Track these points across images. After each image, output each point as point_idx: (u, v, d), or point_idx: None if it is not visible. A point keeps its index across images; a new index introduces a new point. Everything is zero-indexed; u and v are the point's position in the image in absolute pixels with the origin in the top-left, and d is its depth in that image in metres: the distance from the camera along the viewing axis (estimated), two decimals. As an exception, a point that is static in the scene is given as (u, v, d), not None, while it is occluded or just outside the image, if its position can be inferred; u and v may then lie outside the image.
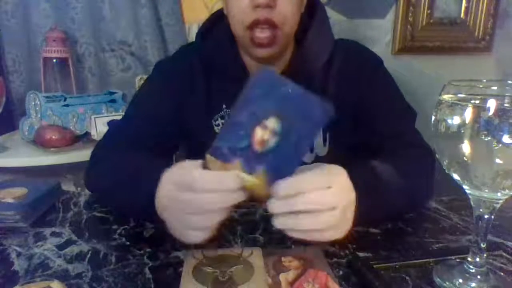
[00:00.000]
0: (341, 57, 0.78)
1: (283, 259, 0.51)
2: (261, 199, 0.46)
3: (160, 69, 0.85)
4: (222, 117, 0.79)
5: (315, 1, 0.79)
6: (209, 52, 0.79)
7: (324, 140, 0.78)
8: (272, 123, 0.44)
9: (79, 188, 1.49)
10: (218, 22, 0.80)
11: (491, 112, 0.38)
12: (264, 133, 0.44)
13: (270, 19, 0.67)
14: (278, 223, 0.46)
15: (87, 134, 1.44)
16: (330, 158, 0.78)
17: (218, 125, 0.79)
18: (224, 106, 0.78)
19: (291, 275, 0.48)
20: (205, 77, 0.79)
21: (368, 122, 0.77)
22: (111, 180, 0.65)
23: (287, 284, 0.46)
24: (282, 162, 0.44)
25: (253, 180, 0.45)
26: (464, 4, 1.57)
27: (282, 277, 0.47)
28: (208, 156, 0.45)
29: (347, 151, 0.76)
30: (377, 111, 0.77)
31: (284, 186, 0.44)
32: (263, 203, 0.48)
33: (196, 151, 0.81)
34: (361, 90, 0.77)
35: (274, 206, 0.45)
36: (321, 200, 0.45)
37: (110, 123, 0.83)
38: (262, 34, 0.68)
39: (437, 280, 0.47)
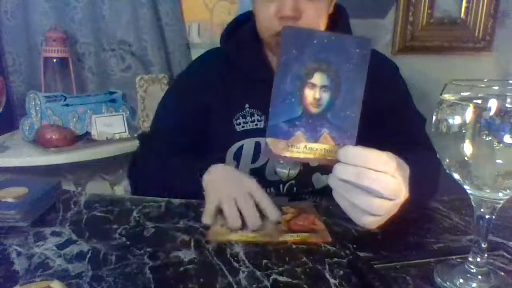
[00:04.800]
0: None
1: (283, 208, 0.63)
2: (330, 163, 0.45)
3: (179, 82, 0.91)
4: (244, 116, 0.80)
5: (339, 7, 0.82)
6: (233, 52, 0.81)
7: None
8: (318, 79, 0.43)
9: (79, 188, 1.49)
10: (241, 24, 0.83)
11: (492, 112, 0.38)
12: (315, 92, 0.43)
13: None
14: (335, 184, 0.46)
15: (87, 134, 1.44)
16: None
17: (239, 123, 0.80)
18: (247, 105, 0.80)
19: (288, 216, 0.61)
20: (230, 76, 0.82)
21: (379, 121, 0.78)
22: (164, 180, 0.76)
23: (285, 221, 0.59)
24: (341, 118, 0.43)
25: (322, 148, 0.43)
26: (464, 4, 1.57)
27: (282, 217, 0.60)
28: (269, 140, 0.44)
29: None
30: (392, 113, 0.79)
31: (353, 151, 0.44)
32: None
33: (215, 153, 0.83)
34: (378, 93, 0.79)
35: (341, 169, 0.45)
36: (388, 186, 0.45)
37: (140, 136, 0.94)
38: None
39: (438, 280, 0.47)
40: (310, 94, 0.43)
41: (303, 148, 0.44)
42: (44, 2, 1.61)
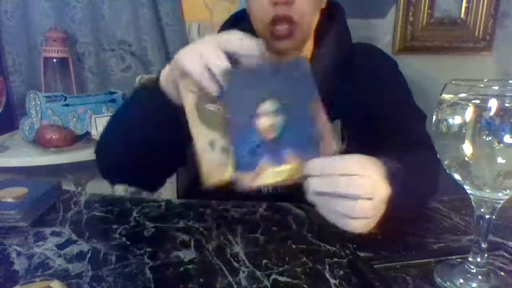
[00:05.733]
0: (359, 59, 0.81)
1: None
2: (301, 181, 0.46)
3: None
4: None
5: (336, 4, 0.82)
6: None
7: (343, 138, 0.80)
8: (268, 106, 0.43)
9: (79, 188, 1.49)
10: (238, 21, 0.83)
11: (492, 112, 0.38)
12: (267, 119, 0.43)
13: (289, 15, 0.70)
14: (313, 199, 0.46)
15: (87, 134, 1.44)
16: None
17: None
18: None
19: None
20: None
21: (378, 118, 0.78)
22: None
23: None
24: (300, 135, 0.44)
25: (288, 168, 0.44)
26: (464, 4, 1.57)
27: None
28: (236, 175, 0.44)
29: (365, 148, 0.77)
30: (392, 111, 0.79)
31: (320, 163, 0.44)
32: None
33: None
34: (379, 93, 0.79)
35: (313, 183, 0.45)
36: (362, 186, 0.46)
37: None
38: (281, 27, 0.71)
39: (438, 280, 0.47)
40: (264, 122, 0.44)
41: (272, 173, 0.44)
42: (44, 2, 1.61)
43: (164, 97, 0.59)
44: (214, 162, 0.46)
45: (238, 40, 0.50)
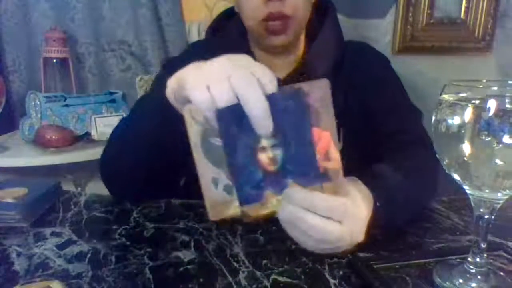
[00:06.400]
0: (351, 57, 0.81)
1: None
2: None
3: (169, 65, 0.86)
4: None
5: (328, 3, 0.82)
6: (220, 46, 0.80)
7: (338, 137, 0.80)
8: (266, 141, 0.43)
9: (79, 188, 1.49)
10: (228, 18, 0.83)
11: (491, 112, 0.38)
12: (268, 154, 0.43)
13: (282, 12, 0.70)
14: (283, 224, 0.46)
15: (87, 134, 1.44)
16: (344, 154, 0.79)
17: None
18: None
19: None
20: None
21: (375, 120, 0.78)
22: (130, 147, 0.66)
23: None
24: (300, 163, 0.44)
25: None
26: (464, 4, 1.57)
27: None
28: (242, 209, 0.44)
29: (361, 147, 0.77)
30: (383, 109, 0.78)
31: (298, 195, 0.44)
32: None
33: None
34: (370, 89, 0.79)
35: (284, 209, 0.44)
36: (325, 234, 0.44)
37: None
38: (275, 22, 0.71)
39: (437, 280, 0.47)
40: (264, 157, 0.43)
41: (277, 202, 0.45)
42: (44, 2, 1.61)
43: (170, 107, 0.52)
44: (218, 199, 0.44)
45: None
